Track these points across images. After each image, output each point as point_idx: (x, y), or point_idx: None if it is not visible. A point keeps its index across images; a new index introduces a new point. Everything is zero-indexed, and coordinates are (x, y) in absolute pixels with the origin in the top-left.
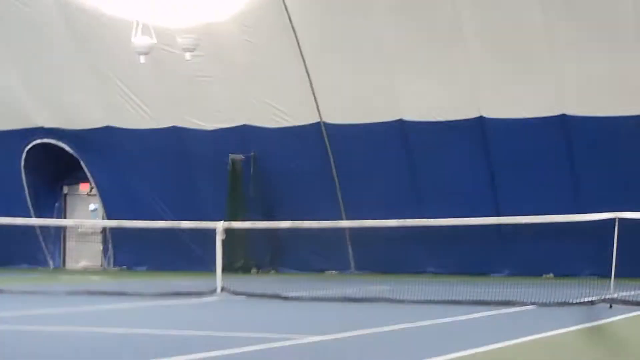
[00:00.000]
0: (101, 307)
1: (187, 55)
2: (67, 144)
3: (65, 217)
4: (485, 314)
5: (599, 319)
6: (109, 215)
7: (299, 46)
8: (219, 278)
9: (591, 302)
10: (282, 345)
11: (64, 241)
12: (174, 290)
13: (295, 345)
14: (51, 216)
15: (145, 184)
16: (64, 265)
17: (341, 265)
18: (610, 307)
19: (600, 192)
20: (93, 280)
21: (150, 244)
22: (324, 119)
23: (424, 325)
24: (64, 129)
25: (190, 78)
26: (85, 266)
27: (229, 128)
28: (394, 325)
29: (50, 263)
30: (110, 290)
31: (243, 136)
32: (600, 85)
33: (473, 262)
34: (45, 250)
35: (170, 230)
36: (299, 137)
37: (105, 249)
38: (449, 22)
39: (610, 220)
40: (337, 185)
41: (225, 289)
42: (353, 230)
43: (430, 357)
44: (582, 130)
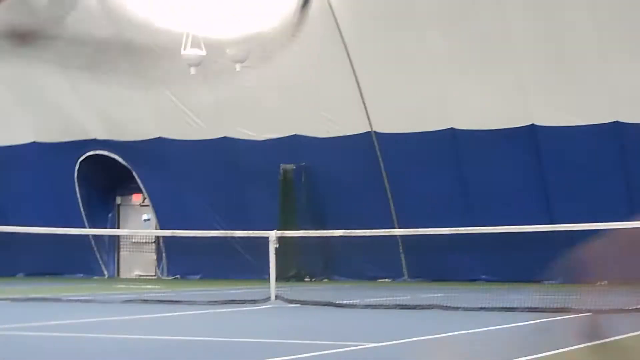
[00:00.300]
0: (156, 315)
1: (237, 66)
2: (120, 155)
3: (118, 227)
4: (540, 321)
5: None
6: (162, 225)
7: (349, 56)
8: (273, 286)
9: None
10: (337, 352)
11: (118, 251)
12: (228, 298)
13: (350, 352)
14: (105, 226)
15: (197, 194)
16: (118, 274)
17: (394, 273)
18: None
19: None
20: (147, 289)
21: (203, 253)
22: (375, 128)
23: (478, 332)
24: (117, 141)
25: (240, 89)
26: (140, 275)
27: (279, 138)
28: (448, 332)
29: (105, 272)
30: (164, 298)
31: (294, 146)
32: None
33: (526, 270)
34: (99, 259)
35: (223, 240)
36: (350, 147)
37: (159, 258)
38: (499, 31)
39: None
40: (389, 193)
41: (279, 297)
42: (405, 238)
43: None
44: (635, 137)
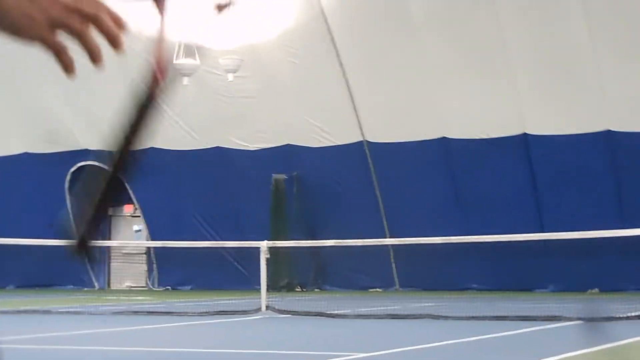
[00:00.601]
0: (147, 327)
1: (230, 77)
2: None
3: (109, 239)
4: (530, 329)
5: None
6: (153, 236)
7: (341, 65)
8: (264, 296)
9: (638, 317)
10: None
11: (109, 262)
12: (219, 309)
13: None
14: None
15: (189, 205)
16: (108, 285)
17: (385, 283)
18: None
19: None
20: (138, 300)
21: (195, 263)
22: (367, 137)
23: (468, 341)
24: (109, 151)
25: (233, 99)
26: (130, 286)
27: (272, 148)
28: (439, 342)
29: (96, 284)
30: (155, 309)
31: (286, 156)
32: None
33: (517, 278)
34: (90, 271)
35: (214, 250)
36: (342, 156)
37: (150, 269)
38: (492, 40)
39: None
40: (380, 203)
41: (270, 307)
42: (396, 247)
43: None
44: (627, 146)
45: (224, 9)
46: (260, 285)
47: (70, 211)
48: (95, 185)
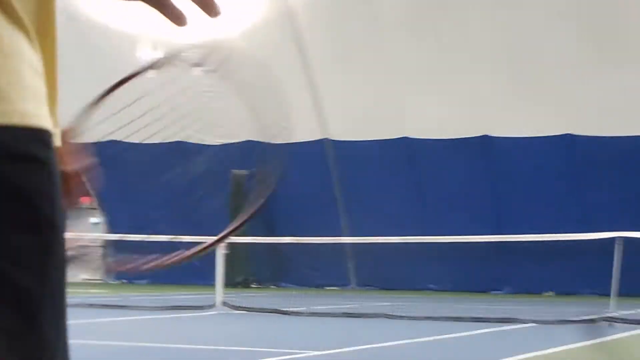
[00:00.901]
0: (101, 320)
1: (194, 71)
2: None
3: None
4: (485, 330)
5: (600, 337)
6: (111, 228)
7: (306, 63)
8: (219, 292)
9: (592, 320)
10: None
11: None
12: (174, 304)
13: None
14: None
15: (148, 198)
16: None
17: (342, 281)
18: (610, 325)
19: (602, 211)
20: (93, 293)
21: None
22: (329, 135)
23: (422, 341)
24: None
25: (195, 93)
26: (86, 279)
27: (232, 143)
28: (393, 341)
29: None
30: (110, 303)
31: (246, 152)
32: (604, 105)
33: (474, 280)
34: None
35: (171, 244)
36: (303, 153)
37: None
38: (455, 43)
39: (611, 239)
40: (340, 201)
41: (225, 303)
42: (354, 246)
43: None
44: (587, 150)
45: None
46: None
47: None
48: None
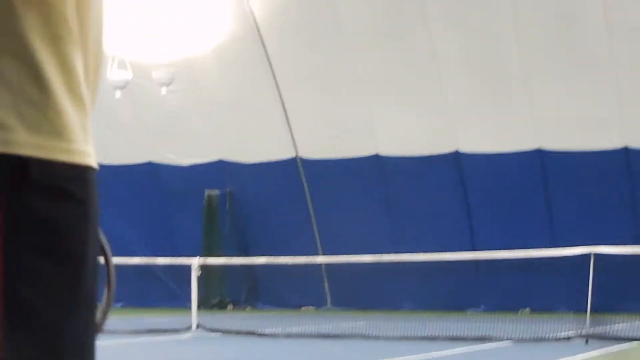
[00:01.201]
0: None
1: (163, 90)
2: None
3: None
4: (461, 350)
5: (576, 354)
6: None
7: (276, 81)
8: (195, 314)
9: (567, 338)
10: None
11: None
12: (149, 327)
13: None
14: None
15: (120, 220)
16: None
17: (317, 302)
18: (586, 342)
19: (576, 227)
20: None
21: (125, 280)
22: (301, 154)
23: None
24: None
25: (166, 113)
26: None
27: (205, 163)
28: None
29: None
30: None
31: (219, 172)
32: (574, 120)
33: (449, 298)
34: None
35: (145, 267)
36: (275, 173)
37: None
38: (424, 59)
39: (586, 255)
40: (314, 220)
41: (201, 326)
42: (329, 266)
43: None
44: (558, 165)
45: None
46: (191, 303)
47: None
48: None
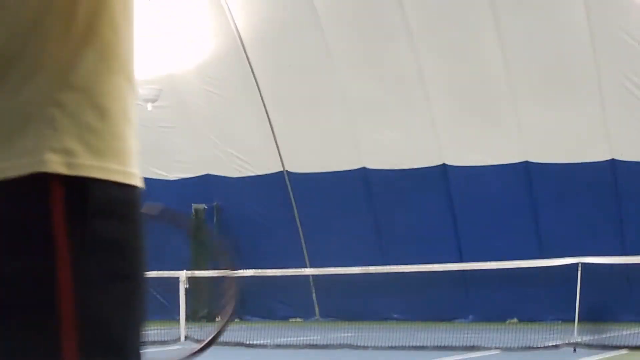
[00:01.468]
0: None
1: (149, 106)
2: None
3: None
4: (449, 359)
5: None
6: None
7: (261, 97)
8: (183, 326)
9: (555, 346)
10: None
11: None
12: None
13: None
14: None
15: None
16: None
17: (306, 313)
18: (574, 351)
19: (563, 238)
20: None
21: None
22: (287, 168)
23: None
24: None
25: (152, 128)
26: None
27: (191, 178)
28: None
29: None
30: None
31: (206, 186)
32: (561, 133)
33: (437, 308)
34: None
35: None
36: (262, 186)
37: None
38: (410, 72)
39: (574, 265)
40: (301, 233)
41: (189, 337)
42: (317, 277)
43: None
44: (545, 177)
45: None
46: (179, 315)
47: None
48: None
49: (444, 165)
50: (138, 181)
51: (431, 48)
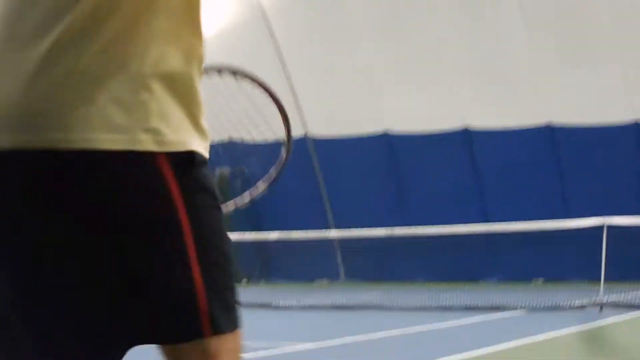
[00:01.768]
0: None
1: None
2: None
3: None
4: (475, 319)
5: (590, 322)
6: None
7: (282, 61)
8: None
9: (581, 306)
10: (272, 353)
11: None
12: None
13: (285, 354)
14: None
15: None
16: None
17: (331, 275)
18: (600, 310)
19: (587, 199)
20: None
21: None
22: (310, 132)
23: (413, 331)
24: None
25: None
26: None
27: (215, 143)
28: (384, 331)
29: None
30: None
31: (230, 150)
32: (584, 94)
33: (462, 269)
34: None
35: None
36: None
37: None
38: (431, 37)
39: (599, 226)
40: (325, 197)
41: None
42: (342, 240)
43: None
44: (568, 139)
45: None
46: None
47: None
48: None
49: (466, 129)
50: (206, 149)
51: (452, 11)
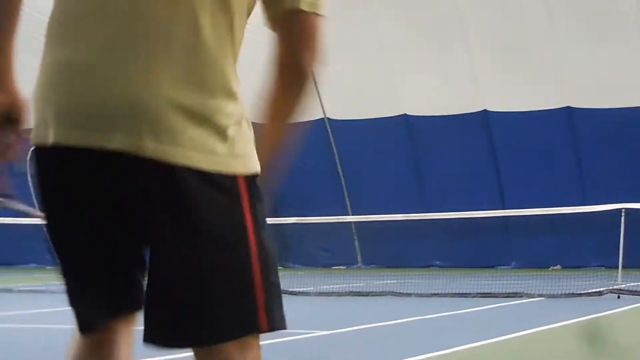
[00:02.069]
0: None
1: None
2: None
3: None
4: (492, 306)
5: (608, 309)
6: None
7: None
8: None
9: (599, 293)
10: (289, 340)
11: None
12: None
13: (301, 340)
14: None
15: None
16: None
17: (348, 260)
18: (618, 298)
19: (606, 184)
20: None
21: None
22: (328, 115)
23: (430, 318)
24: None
25: None
26: None
27: None
28: (401, 318)
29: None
30: None
31: None
32: (603, 77)
33: (480, 255)
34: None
35: None
36: (305, 134)
37: None
38: (450, 18)
39: (617, 211)
40: (343, 180)
41: None
42: (359, 225)
43: (437, 350)
44: (587, 122)
45: None
46: None
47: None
48: None
49: (485, 111)
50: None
51: None
